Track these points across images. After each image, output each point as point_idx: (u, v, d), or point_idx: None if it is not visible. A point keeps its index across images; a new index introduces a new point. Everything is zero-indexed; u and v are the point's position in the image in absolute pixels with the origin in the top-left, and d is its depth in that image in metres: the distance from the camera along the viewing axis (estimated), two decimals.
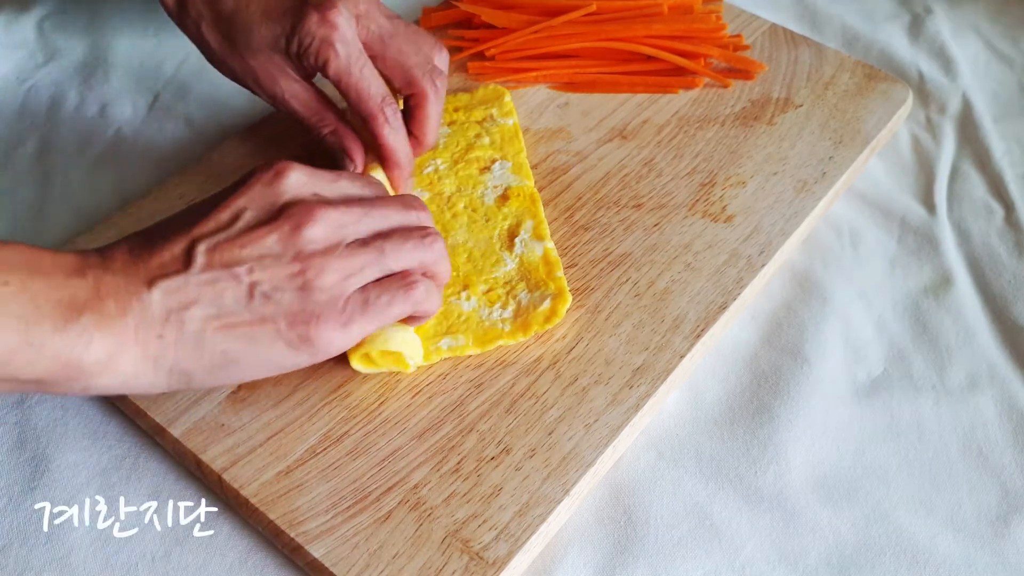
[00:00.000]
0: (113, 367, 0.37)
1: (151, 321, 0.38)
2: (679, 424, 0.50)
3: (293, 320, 0.40)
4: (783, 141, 0.61)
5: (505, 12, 0.66)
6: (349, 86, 0.50)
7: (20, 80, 0.67)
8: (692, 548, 0.45)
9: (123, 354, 0.37)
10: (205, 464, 0.45)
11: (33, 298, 0.36)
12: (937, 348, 0.53)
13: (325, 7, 0.49)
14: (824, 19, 0.75)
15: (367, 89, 0.50)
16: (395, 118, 0.51)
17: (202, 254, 0.39)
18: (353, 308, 0.41)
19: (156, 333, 0.38)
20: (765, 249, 0.54)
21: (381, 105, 0.50)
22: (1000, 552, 0.45)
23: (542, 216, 0.54)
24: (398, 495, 0.44)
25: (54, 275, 0.37)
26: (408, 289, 0.43)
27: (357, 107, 0.50)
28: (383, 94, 0.50)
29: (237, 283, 0.39)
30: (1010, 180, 0.62)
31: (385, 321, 0.43)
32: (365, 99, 0.50)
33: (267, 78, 0.51)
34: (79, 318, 0.36)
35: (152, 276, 0.38)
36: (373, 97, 0.50)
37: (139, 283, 0.38)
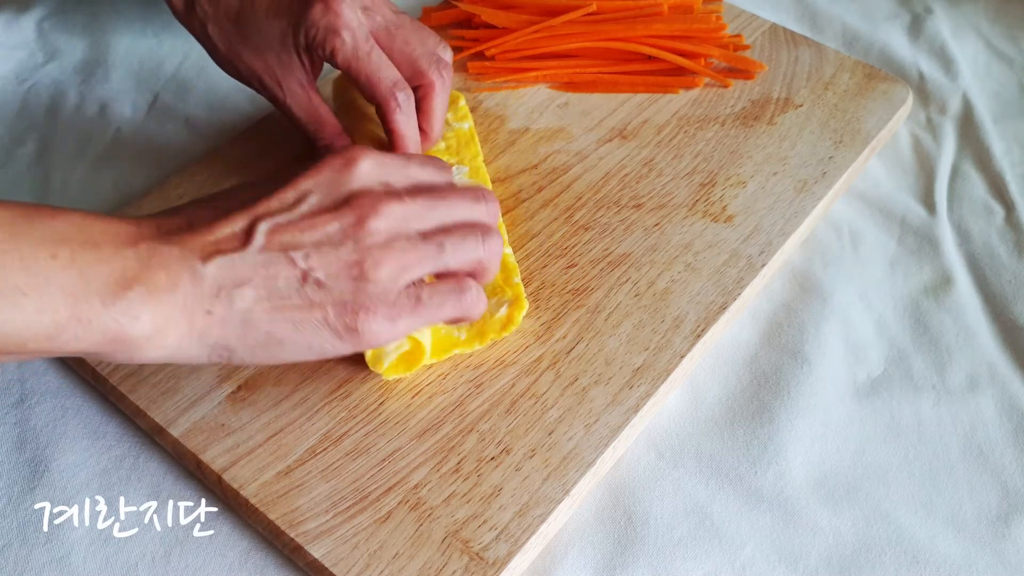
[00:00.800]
0: (159, 340, 0.37)
1: (202, 296, 0.37)
2: (679, 424, 0.50)
3: (342, 310, 0.40)
4: (783, 141, 0.61)
5: (505, 12, 0.66)
6: (359, 72, 0.49)
7: (20, 80, 0.67)
8: (692, 548, 0.45)
9: (170, 328, 0.37)
10: (205, 464, 0.45)
11: (82, 272, 0.35)
12: (937, 348, 0.53)
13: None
14: (824, 19, 0.75)
15: (377, 74, 0.49)
16: (408, 104, 0.50)
17: (262, 234, 0.39)
18: (403, 303, 0.41)
19: (205, 308, 0.38)
20: (765, 249, 0.54)
21: (393, 90, 0.49)
22: (1000, 552, 0.45)
23: (499, 221, 0.54)
24: (398, 495, 0.44)
25: (104, 246, 0.36)
26: (461, 294, 0.43)
27: (368, 93, 0.50)
28: (395, 79, 0.50)
29: (292, 267, 0.39)
30: (1010, 180, 0.62)
31: (433, 321, 0.43)
32: (376, 84, 0.49)
33: (271, 79, 0.51)
34: (128, 292, 0.36)
35: (208, 251, 0.38)
36: (384, 82, 0.49)
37: (194, 256, 0.37)
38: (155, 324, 0.37)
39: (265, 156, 0.59)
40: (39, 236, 0.35)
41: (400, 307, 0.41)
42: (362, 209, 0.40)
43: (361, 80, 0.49)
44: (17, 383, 0.50)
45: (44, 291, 0.34)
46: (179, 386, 0.47)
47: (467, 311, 0.44)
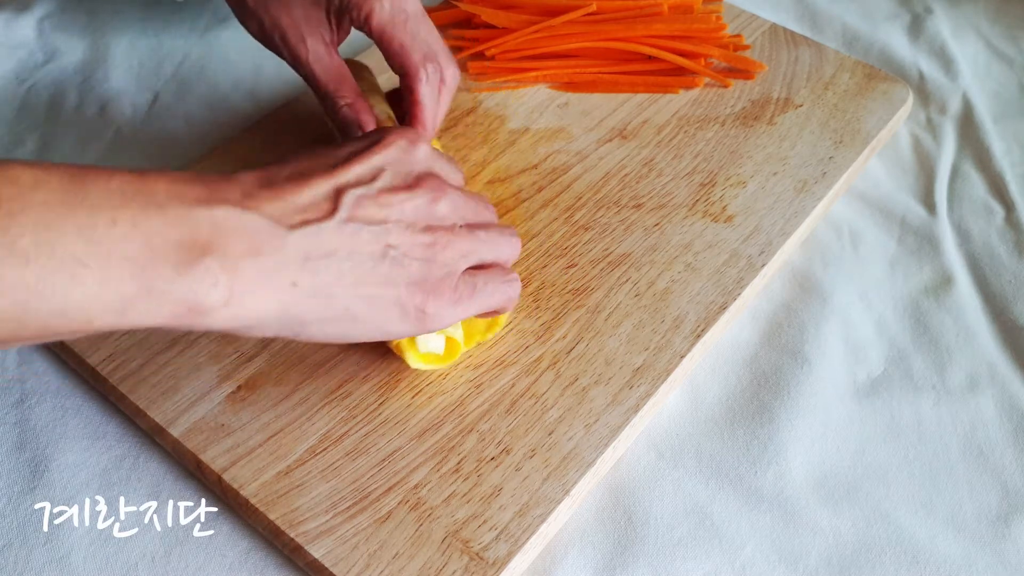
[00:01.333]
0: (236, 311, 0.35)
1: (285, 265, 0.35)
2: (679, 424, 0.50)
3: (414, 290, 0.39)
4: (783, 141, 0.61)
5: (505, 12, 0.66)
6: (393, 38, 0.48)
7: (20, 80, 0.67)
8: (692, 548, 0.45)
9: (248, 297, 0.35)
10: (205, 464, 0.45)
11: (147, 239, 0.32)
12: (937, 348, 0.53)
13: None
14: (824, 19, 0.75)
15: (411, 43, 0.48)
16: (435, 78, 0.49)
17: (347, 205, 0.37)
18: (463, 289, 0.41)
19: (291, 280, 0.36)
20: (765, 249, 0.54)
21: (425, 60, 0.48)
22: (1000, 552, 0.45)
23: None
24: (398, 495, 0.44)
25: (170, 208, 0.33)
26: (509, 283, 0.44)
27: (399, 61, 0.48)
28: (425, 50, 0.49)
29: (374, 241, 0.38)
30: (1010, 180, 0.62)
31: (484, 308, 0.43)
32: (408, 53, 0.48)
33: (295, 36, 0.50)
34: (204, 258, 0.33)
35: (295, 219, 0.36)
36: (416, 51, 0.48)
37: (279, 224, 0.35)
38: (233, 293, 0.34)
39: (265, 156, 0.59)
40: (94, 201, 0.32)
41: (460, 292, 0.41)
42: (433, 191, 0.40)
43: (395, 47, 0.48)
44: (17, 383, 0.50)
45: (106, 261, 0.31)
46: (179, 386, 0.47)
47: (511, 300, 0.45)
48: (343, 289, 0.37)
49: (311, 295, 0.37)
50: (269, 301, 0.35)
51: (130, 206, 0.32)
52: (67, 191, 0.31)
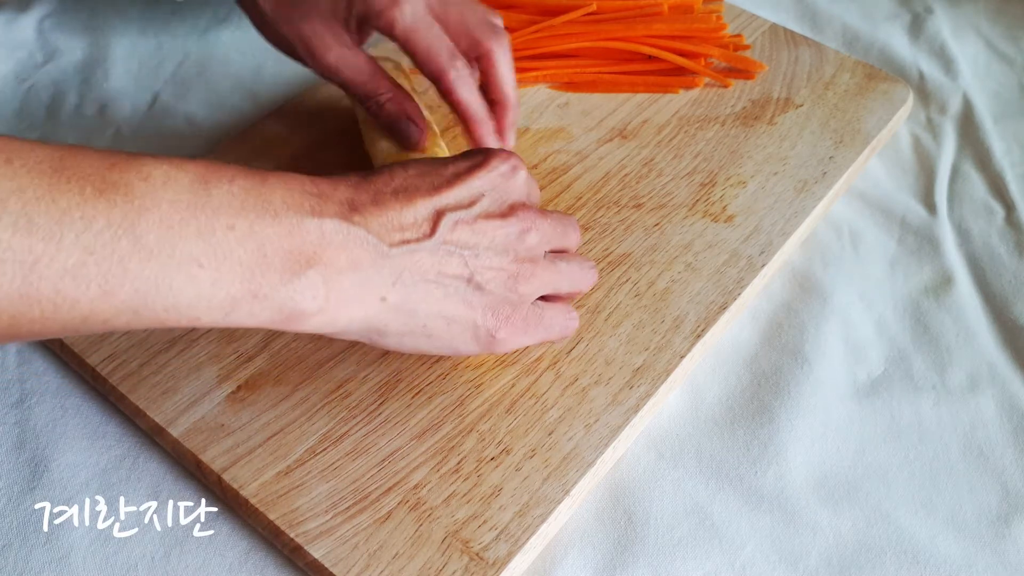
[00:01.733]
0: (328, 318, 0.36)
1: (381, 281, 0.37)
2: (679, 424, 0.50)
3: (489, 314, 0.40)
4: (783, 141, 0.61)
5: (505, 12, 0.66)
6: (418, 43, 0.48)
7: (20, 80, 0.67)
8: (692, 548, 0.45)
9: (342, 308, 0.36)
10: (205, 464, 0.45)
11: (260, 246, 0.34)
12: (937, 348, 0.53)
13: None
14: (824, 19, 0.75)
15: (436, 45, 0.48)
16: (466, 71, 0.49)
17: (447, 227, 0.39)
18: (531, 318, 0.42)
19: (381, 294, 0.37)
20: (765, 249, 0.54)
21: (452, 62, 0.49)
22: (1000, 552, 0.45)
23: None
24: (398, 495, 0.44)
25: (284, 217, 0.35)
26: (569, 321, 0.44)
27: (426, 66, 0.49)
28: (452, 50, 0.49)
29: (464, 266, 0.39)
30: (1010, 180, 0.62)
31: (545, 339, 0.43)
32: (435, 56, 0.48)
33: (320, 46, 0.50)
34: (309, 269, 0.35)
35: (396, 238, 0.37)
36: (443, 53, 0.48)
37: (381, 241, 0.37)
38: (329, 302, 0.36)
39: (264, 155, 0.59)
40: (216, 204, 0.33)
41: (528, 322, 0.42)
42: (526, 222, 0.41)
43: (420, 52, 0.48)
44: (17, 383, 0.50)
45: (221, 264, 0.33)
46: (179, 386, 0.47)
47: (569, 332, 0.44)
48: (426, 307, 0.39)
49: (396, 310, 0.38)
50: (358, 312, 0.37)
51: (248, 213, 0.34)
52: (193, 191, 0.33)
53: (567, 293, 0.44)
